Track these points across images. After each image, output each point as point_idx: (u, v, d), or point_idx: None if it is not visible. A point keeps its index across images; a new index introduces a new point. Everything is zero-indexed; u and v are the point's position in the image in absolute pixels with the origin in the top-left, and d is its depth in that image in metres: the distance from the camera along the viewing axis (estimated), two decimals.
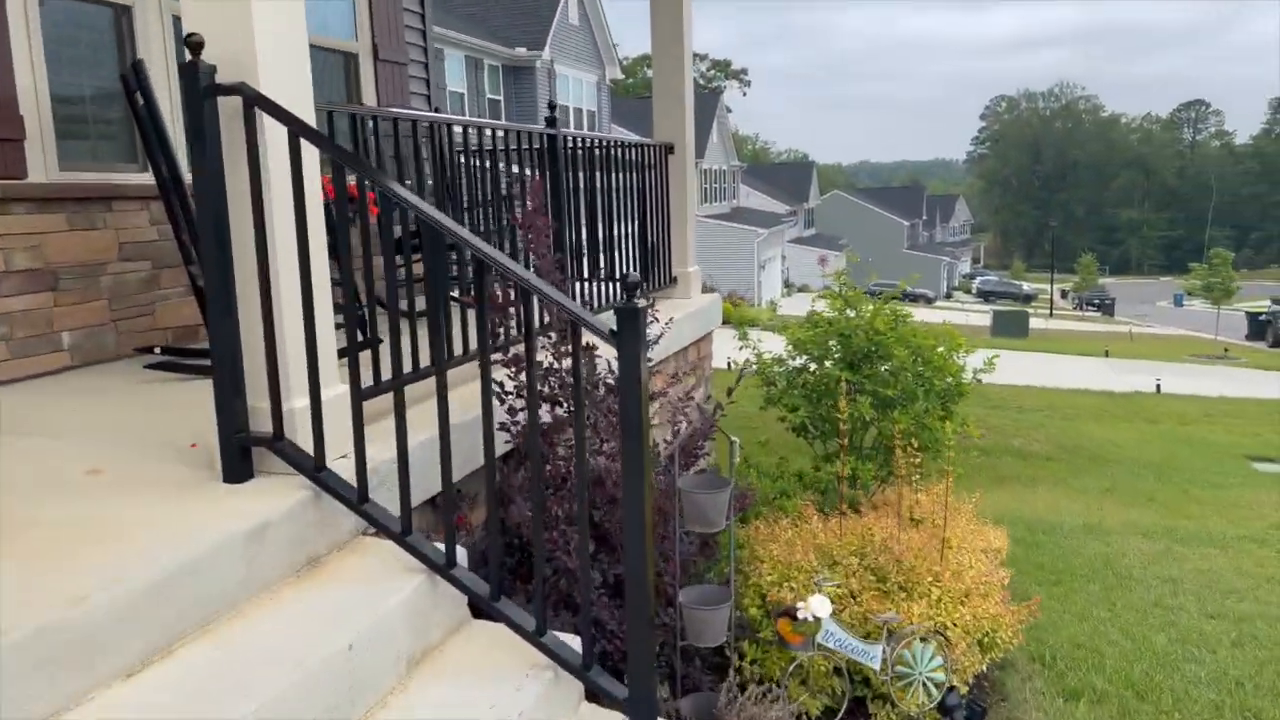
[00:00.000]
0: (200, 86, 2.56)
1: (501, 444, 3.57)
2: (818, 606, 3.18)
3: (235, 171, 2.65)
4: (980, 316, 40.45)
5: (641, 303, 2.28)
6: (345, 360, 2.71)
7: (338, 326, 3.27)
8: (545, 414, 3.57)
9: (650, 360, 4.31)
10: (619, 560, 3.35)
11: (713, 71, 77.24)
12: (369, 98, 6.68)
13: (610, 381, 3.43)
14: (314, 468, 2.67)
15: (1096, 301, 56.08)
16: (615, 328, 2.32)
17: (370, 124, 3.57)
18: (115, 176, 4.68)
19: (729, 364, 11.50)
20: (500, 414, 3.47)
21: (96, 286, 4.53)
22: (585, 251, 5.23)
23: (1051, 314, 48.03)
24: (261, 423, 2.75)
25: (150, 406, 3.70)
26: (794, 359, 7.11)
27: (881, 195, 74.19)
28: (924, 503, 5.03)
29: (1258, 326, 35.74)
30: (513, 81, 25.20)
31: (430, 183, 4.30)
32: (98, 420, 3.53)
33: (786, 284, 45.49)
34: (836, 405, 6.77)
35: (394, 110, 5.05)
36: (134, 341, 4.70)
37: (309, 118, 2.74)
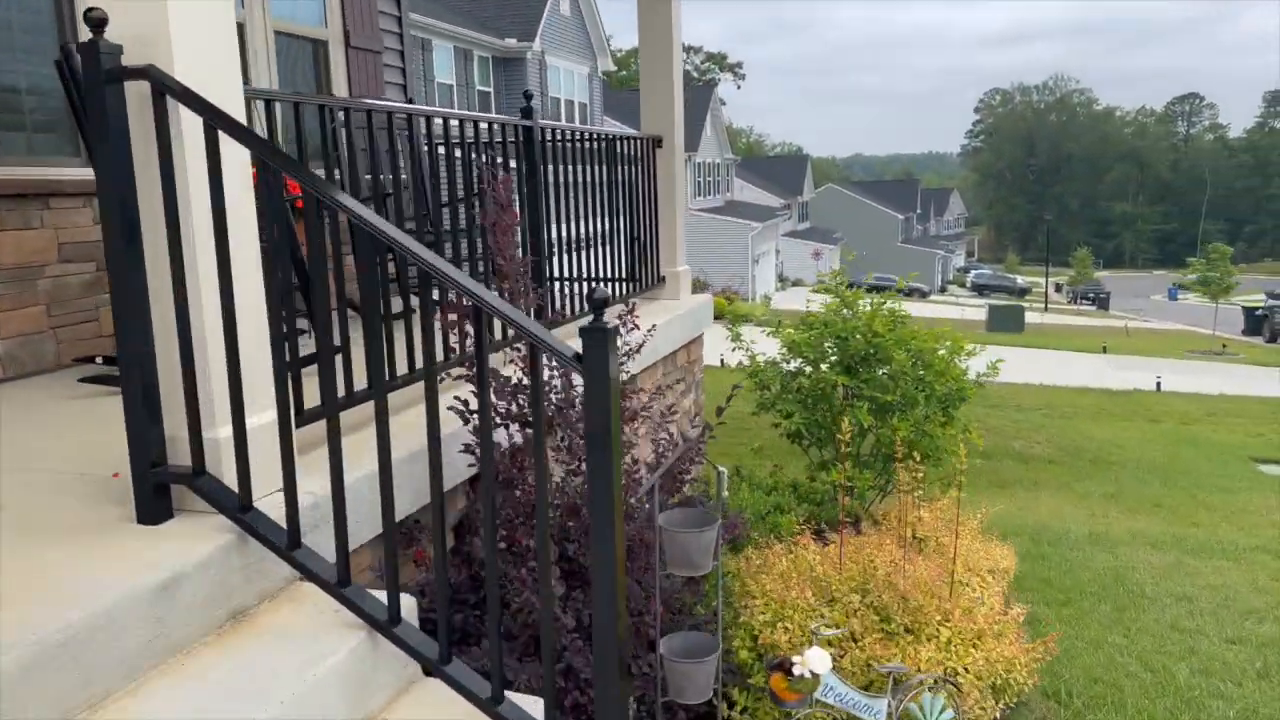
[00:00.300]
0: (101, 69, 2.21)
1: (466, 468, 3.24)
2: (816, 661, 2.84)
3: (146, 168, 2.30)
4: (975, 311, 40.21)
5: (612, 321, 1.94)
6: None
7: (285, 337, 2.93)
8: (516, 434, 3.23)
9: (629, 373, 3.97)
10: None
11: (707, 64, 76.80)
12: (340, 88, 6.32)
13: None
14: (238, 508, 2.33)
15: (1091, 295, 55.85)
16: (581, 350, 1.98)
17: (339, 115, 3.23)
18: (54, 171, 4.31)
19: (721, 361, 11.21)
20: (465, 435, 3.14)
21: (33, 291, 4.17)
22: (565, 251, 4.88)
23: (1046, 308, 47.79)
24: (181, 455, 2.40)
25: (78, 426, 3.36)
26: (788, 362, 6.78)
27: (876, 189, 73.88)
28: (927, 520, 4.71)
29: (1254, 321, 35.48)
30: (503, 73, 24.78)
31: (400, 178, 3.95)
32: (12, 443, 3.17)
33: (780, 278, 45.17)
34: (832, 411, 6.48)
35: (343, 99, 4.71)
36: (77, 350, 4.35)
37: (234, 107, 2.39)
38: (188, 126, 2.27)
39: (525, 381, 3.12)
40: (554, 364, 3.05)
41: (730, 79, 78.89)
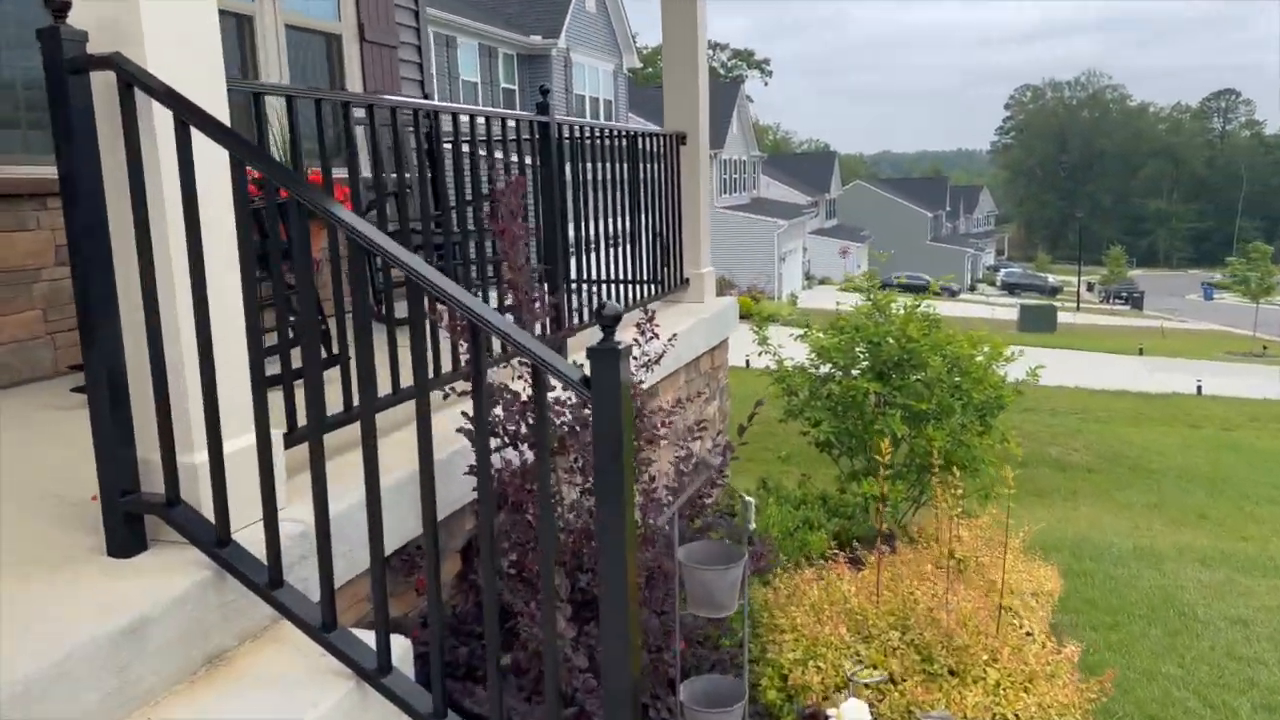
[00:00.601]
0: (63, 59, 2.00)
1: (472, 490, 3.02)
2: (852, 714, 2.60)
3: (114, 166, 2.09)
4: (1006, 310, 39.57)
5: (630, 330, 1.71)
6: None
7: (269, 351, 2.72)
8: (528, 452, 3.00)
9: (645, 384, 3.73)
10: None
11: (734, 61, 76.34)
12: (354, 83, 6.13)
13: None
14: (215, 542, 2.11)
15: (1125, 294, 54.90)
16: (589, 373, 1.75)
17: (348, 111, 3.02)
18: (51, 170, 4.12)
19: (746, 362, 10.94)
20: (471, 456, 2.91)
21: (28, 295, 4.00)
22: (583, 252, 4.65)
23: (1079, 307, 47.03)
24: (155, 481, 2.20)
25: (63, 440, 3.16)
26: (818, 367, 6.52)
27: (904, 186, 73.14)
28: (966, 539, 4.44)
29: None
30: (528, 71, 24.61)
31: (404, 178, 3.73)
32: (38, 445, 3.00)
33: (807, 276, 44.73)
34: (864, 419, 6.21)
35: (342, 93, 4.50)
36: (74, 357, 4.17)
37: (213, 102, 2.17)
38: (159, 122, 2.06)
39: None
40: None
41: (757, 75, 78.40)
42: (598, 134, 4.81)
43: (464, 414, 2.87)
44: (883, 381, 6.12)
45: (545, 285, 3.68)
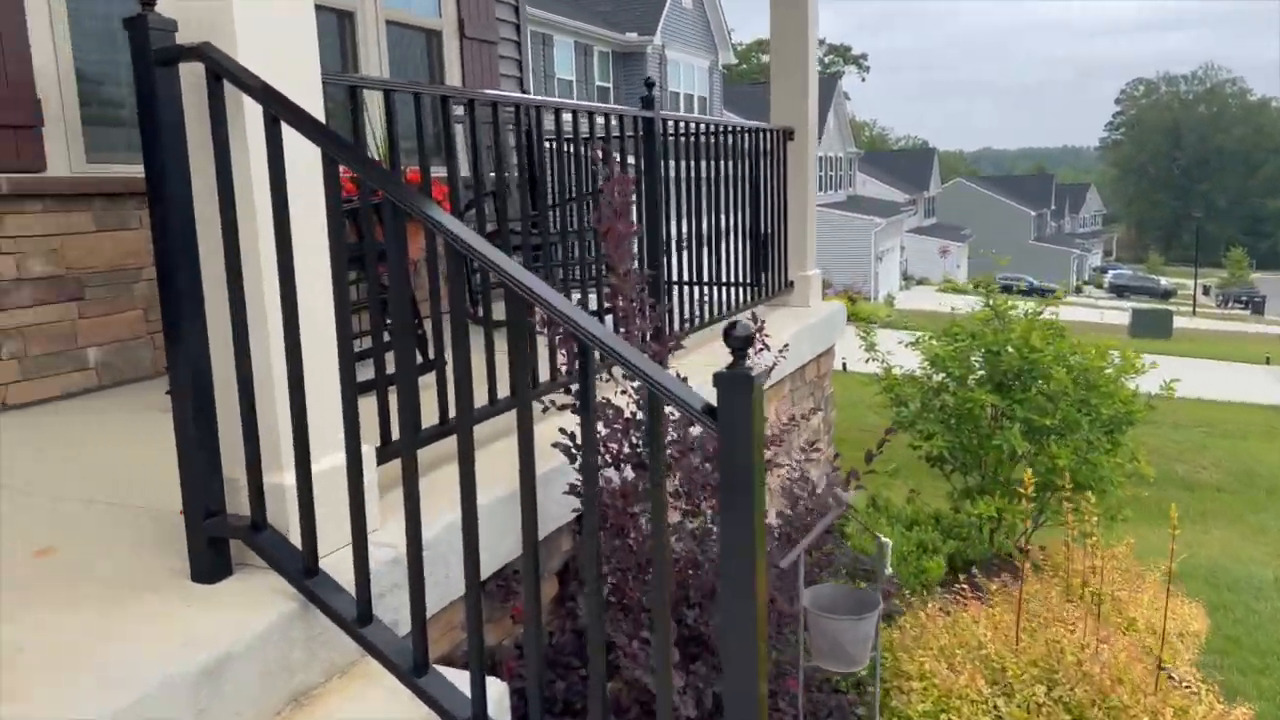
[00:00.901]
0: (150, 49, 1.87)
1: (569, 511, 2.83)
2: None
3: (203, 164, 1.95)
4: (1115, 314, 37.79)
5: (756, 366, 1.47)
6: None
7: (361, 355, 2.58)
8: (629, 471, 2.79)
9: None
10: (719, 669, 2.55)
11: (830, 57, 75.05)
12: (453, 79, 6.03)
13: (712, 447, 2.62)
14: (302, 571, 1.96)
15: (1244, 299, 51.95)
16: (716, 401, 1.52)
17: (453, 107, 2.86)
18: None
19: (843, 365, 10.54)
20: (571, 473, 2.72)
21: (129, 294, 3.98)
22: (682, 251, 4.43)
23: (1195, 312, 44.67)
24: (241, 501, 2.06)
25: (158, 444, 3.06)
26: (930, 377, 6.16)
27: (1006, 184, 70.74)
28: (1099, 568, 4.05)
29: None
30: (622, 68, 24.54)
31: (503, 176, 3.56)
32: (87, 466, 2.93)
33: (904, 276, 43.60)
34: (979, 433, 5.83)
35: (443, 87, 4.36)
36: None
37: (306, 97, 2.02)
38: (249, 117, 1.91)
39: (640, 416, 2.68)
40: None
41: (854, 71, 76.93)
42: (702, 129, 4.57)
43: (561, 430, 2.68)
44: (1001, 393, 5.73)
45: (648, 291, 3.47)
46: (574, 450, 2.69)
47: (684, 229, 4.46)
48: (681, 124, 4.33)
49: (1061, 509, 4.81)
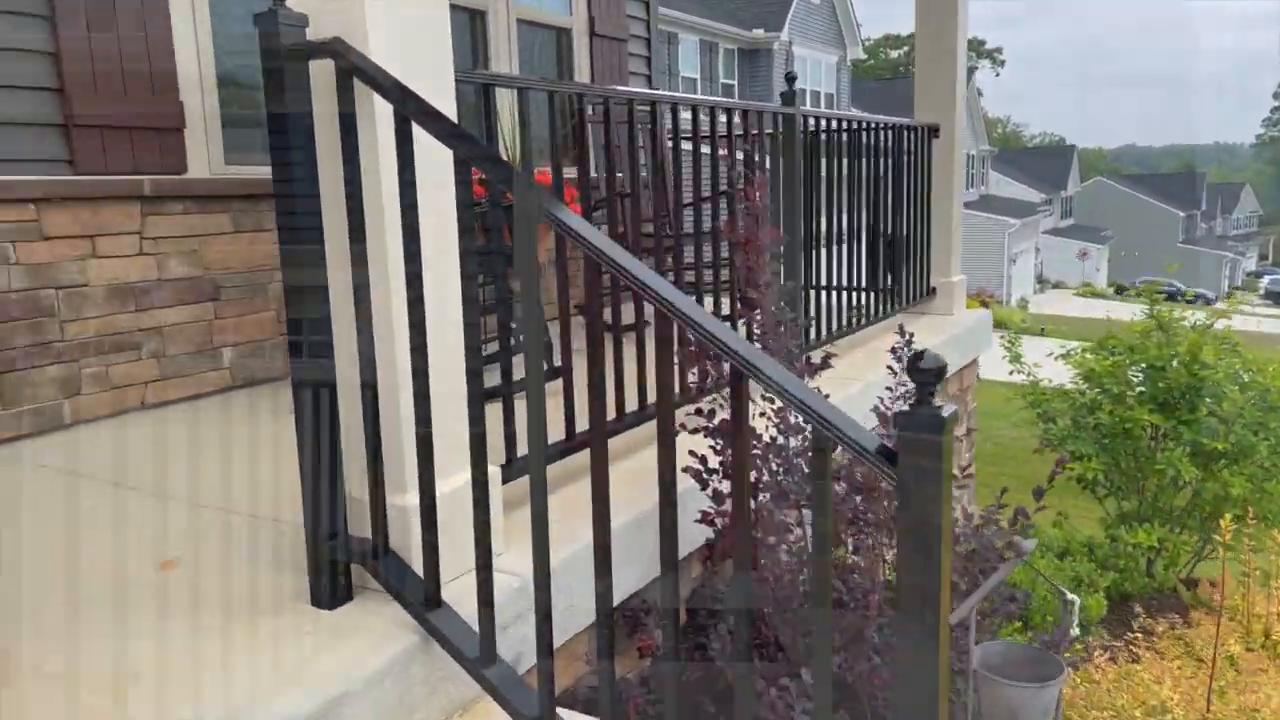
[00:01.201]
0: (280, 44, 1.77)
1: (700, 538, 2.64)
2: None
3: (331, 165, 1.85)
4: (1273, 322, 35.13)
5: (948, 406, 1.25)
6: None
7: (486, 360, 2.45)
8: (764, 496, 2.58)
9: None
10: None
11: None
12: (582, 77, 5.93)
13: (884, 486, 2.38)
14: (424, 602, 1.83)
15: None
16: (896, 445, 1.30)
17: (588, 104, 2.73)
18: None
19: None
20: (701, 498, 2.53)
21: (264, 296, 4.00)
22: (817, 255, 4.19)
23: None
24: (363, 523, 1.95)
25: (286, 448, 3.05)
26: (1082, 392, 5.70)
27: (1151, 183, 66.80)
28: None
29: None
30: (747, 65, 24.18)
31: (639, 177, 3.40)
32: (215, 470, 2.91)
33: (1039, 279, 41.68)
34: (1138, 456, 5.36)
35: (577, 85, 4.21)
36: None
37: (441, 96, 1.89)
38: (380, 117, 1.79)
39: (779, 440, 2.46)
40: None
41: (988, 66, 74.08)
42: (844, 126, 4.31)
43: (692, 453, 2.49)
44: (1165, 413, 5.25)
45: (787, 304, 3.24)
46: (705, 475, 2.50)
47: (823, 231, 4.22)
48: (824, 120, 4.08)
49: (1240, 542, 4.35)
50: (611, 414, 2.69)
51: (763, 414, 2.57)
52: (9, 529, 2.48)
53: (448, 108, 1.93)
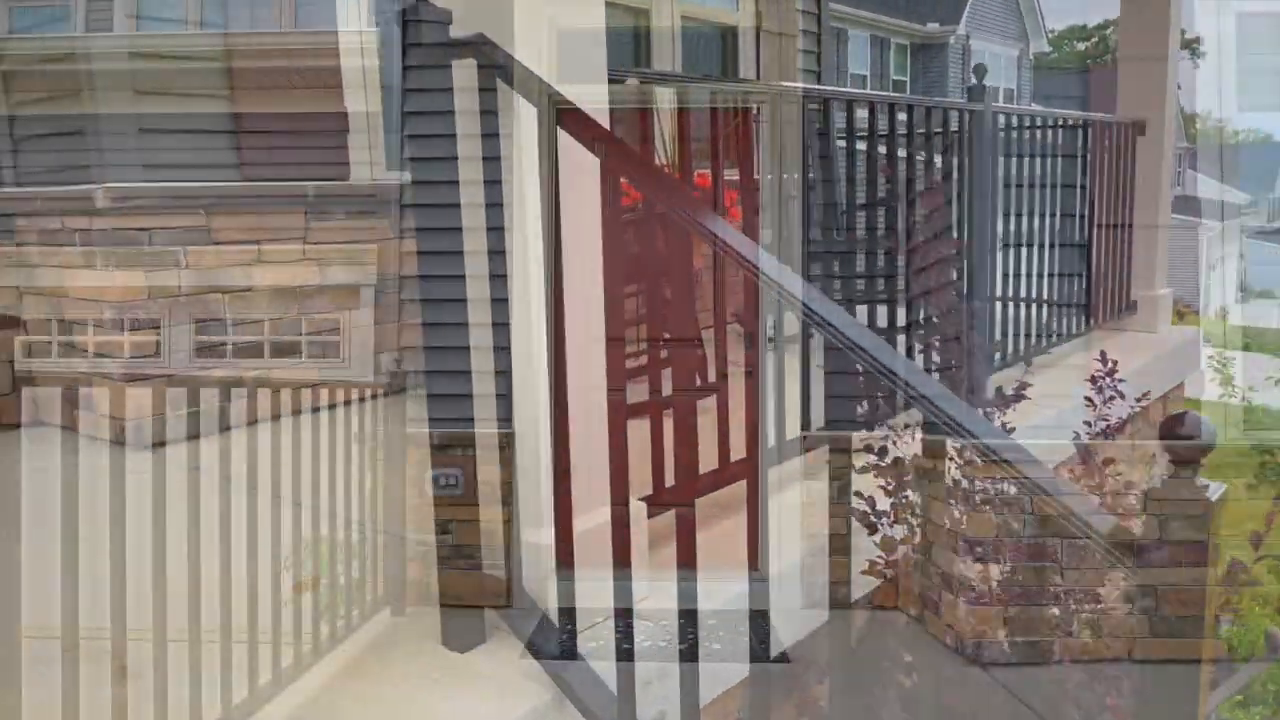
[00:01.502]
0: (422, 42, 1.64)
1: (869, 585, 2.36)
2: None
3: (471, 170, 1.71)
4: None
5: (1214, 488, 0.96)
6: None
7: (633, 375, 2.27)
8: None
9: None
10: None
11: None
12: (747, 75, 5.71)
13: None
14: (558, 653, 1.66)
15: None
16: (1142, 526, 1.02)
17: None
18: None
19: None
20: (868, 545, 2.26)
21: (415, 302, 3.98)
22: (1013, 266, 3.83)
23: None
24: (496, 561, 1.80)
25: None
26: None
27: None
28: None
29: None
30: (920, 61, 23.26)
31: (809, 178, 3.14)
32: (380, 483, 2.85)
33: (1242, 288, 38.25)
34: None
35: (737, 82, 3.98)
36: None
37: (591, 99, 1.71)
38: (524, 119, 1.63)
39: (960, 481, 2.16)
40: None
41: (1186, 56, 68.81)
42: (1038, 124, 3.91)
43: (858, 494, 2.23)
44: None
45: (972, 326, 2.92)
46: (873, 518, 2.23)
47: (1002, 233, 3.84)
48: (1014, 118, 3.71)
49: None
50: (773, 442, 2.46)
51: (951, 458, 2.28)
52: (171, 536, 2.49)
53: (598, 111, 1.75)
